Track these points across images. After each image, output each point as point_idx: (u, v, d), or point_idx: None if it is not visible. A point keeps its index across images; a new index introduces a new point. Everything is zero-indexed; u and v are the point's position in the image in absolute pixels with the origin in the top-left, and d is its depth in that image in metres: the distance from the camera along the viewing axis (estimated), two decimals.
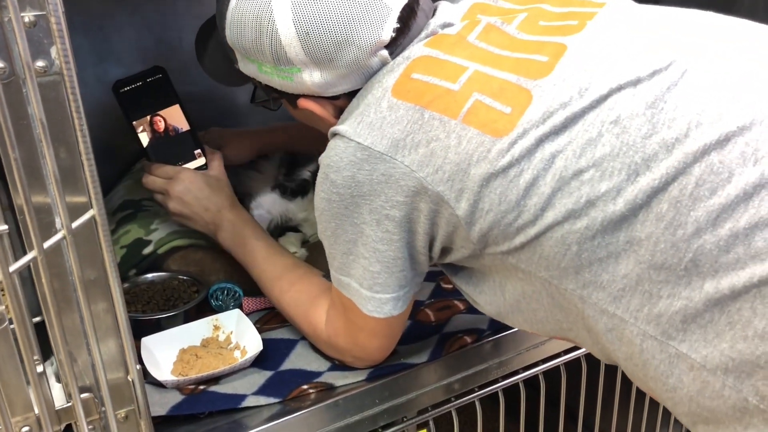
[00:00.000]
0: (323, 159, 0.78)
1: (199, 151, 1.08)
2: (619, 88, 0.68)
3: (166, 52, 1.33)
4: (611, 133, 0.67)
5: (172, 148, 1.07)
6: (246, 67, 0.86)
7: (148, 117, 1.07)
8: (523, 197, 0.69)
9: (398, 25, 0.79)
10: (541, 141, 0.69)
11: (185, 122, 1.08)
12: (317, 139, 0.92)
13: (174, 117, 1.08)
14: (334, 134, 0.78)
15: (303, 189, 1.18)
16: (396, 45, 0.80)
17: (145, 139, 1.06)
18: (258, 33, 0.79)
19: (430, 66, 0.76)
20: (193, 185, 1.01)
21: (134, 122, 1.06)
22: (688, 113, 0.66)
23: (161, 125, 1.07)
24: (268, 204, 1.18)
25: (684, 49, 0.71)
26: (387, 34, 0.79)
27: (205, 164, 1.07)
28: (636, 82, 0.68)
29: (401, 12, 0.80)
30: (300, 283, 0.95)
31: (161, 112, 1.07)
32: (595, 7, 0.79)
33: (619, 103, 0.68)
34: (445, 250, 0.79)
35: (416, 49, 0.78)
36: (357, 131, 0.75)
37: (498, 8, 0.83)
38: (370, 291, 0.81)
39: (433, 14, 0.85)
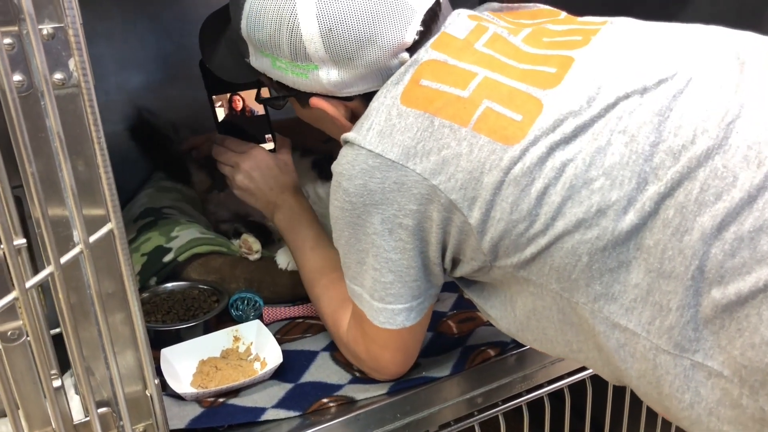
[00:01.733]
0: (335, 167, 0.78)
1: (269, 136, 1.10)
2: (626, 96, 0.69)
3: (186, 58, 1.33)
4: (620, 142, 0.67)
5: (245, 128, 1.10)
6: (258, 61, 0.85)
7: (228, 95, 1.09)
8: (534, 206, 0.69)
9: (421, 29, 0.79)
10: (551, 149, 0.68)
11: (262, 107, 1.11)
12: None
13: (252, 100, 1.11)
14: (345, 142, 0.77)
15: None
16: (417, 48, 0.79)
17: (221, 114, 1.10)
18: (278, 26, 0.78)
19: (438, 72, 0.75)
20: (263, 163, 1.03)
21: (214, 96, 1.09)
22: (694, 121, 0.66)
23: (239, 104, 1.11)
24: None
25: (688, 59, 0.71)
26: (410, 36, 0.78)
27: (274, 149, 1.09)
28: (642, 91, 0.69)
29: (425, 15, 0.79)
30: (339, 281, 0.93)
31: (241, 93, 1.10)
32: (597, 24, 0.79)
33: (627, 111, 0.68)
34: (456, 262, 0.78)
35: (423, 52, 0.78)
36: (367, 139, 0.74)
37: (501, 25, 0.83)
38: (382, 302, 0.80)
39: None
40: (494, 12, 0.88)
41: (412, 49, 0.79)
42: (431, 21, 0.80)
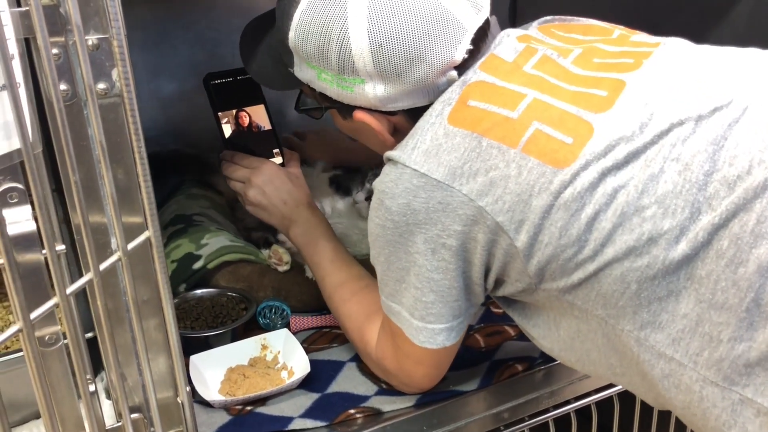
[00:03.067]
0: (377, 184, 0.77)
1: (277, 150, 1.11)
2: (680, 124, 0.68)
3: (219, 67, 1.33)
4: (673, 170, 0.66)
5: (253, 143, 1.10)
6: (303, 72, 0.84)
7: (234, 111, 1.10)
8: (584, 232, 0.68)
9: (471, 47, 0.78)
10: (603, 175, 0.67)
11: (268, 122, 1.12)
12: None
13: (258, 115, 1.12)
14: (389, 160, 0.77)
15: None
16: (466, 67, 0.78)
17: (228, 130, 1.10)
18: (327, 39, 0.77)
19: (486, 92, 0.74)
20: (275, 177, 1.03)
21: (219, 113, 1.10)
22: (750, 150, 0.65)
23: (245, 120, 1.11)
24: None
25: (744, 87, 0.70)
26: (460, 54, 0.77)
27: (283, 163, 1.09)
28: (697, 119, 0.68)
29: (475, 34, 0.78)
30: (361, 294, 0.93)
31: (247, 109, 1.11)
32: (650, 47, 0.78)
33: (681, 139, 0.67)
34: (499, 282, 0.77)
35: (471, 73, 0.77)
36: (412, 158, 0.74)
37: (550, 44, 0.82)
38: (422, 321, 0.79)
39: None
40: (546, 24, 0.86)
41: (461, 67, 0.78)
42: (480, 40, 0.79)
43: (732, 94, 0.69)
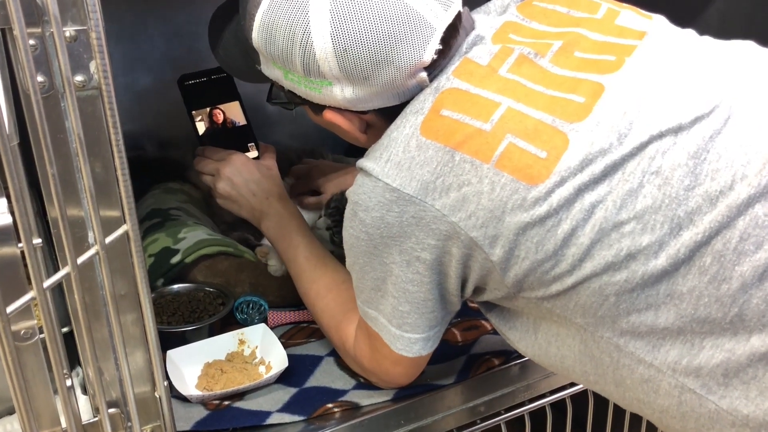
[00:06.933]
0: (351, 195, 0.76)
1: (252, 144, 1.10)
2: (660, 136, 0.67)
3: (196, 61, 1.32)
4: (653, 184, 0.65)
5: (227, 139, 1.10)
6: (270, 71, 0.82)
7: (208, 109, 1.10)
8: (561, 247, 0.67)
9: (440, 47, 0.74)
10: (580, 191, 0.66)
11: (243, 118, 1.12)
12: None
13: (233, 112, 1.12)
14: (362, 169, 0.75)
15: None
16: (436, 67, 0.75)
17: (201, 128, 1.10)
18: (290, 42, 0.75)
19: (459, 101, 0.72)
20: (244, 168, 1.01)
21: (193, 112, 1.10)
22: (733, 164, 0.64)
23: (220, 117, 1.11)
24: None
25: (727, 90, 0.69)
26: (429, 56, 0.74)
27: (258, 157, 1.08)
28: (677, 130, 0.67)
29: (445, 32, 0.75)
30: (337, 290, 0.92)
31: (221, 106, 1.11)
32: (634, 38, 0.76)
33: (660, 151, 0.66)
34: (479, 290, 0.76)
35: (444, 80, 0.74)
36: (385, 171, 0.72)
37: (531, 30, 0.79)
38: (400, 329, 0.79)
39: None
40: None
41: (431, 68, 0.75)
42: (450, 37, 0.76)
43: (714, 101, 0.67)
